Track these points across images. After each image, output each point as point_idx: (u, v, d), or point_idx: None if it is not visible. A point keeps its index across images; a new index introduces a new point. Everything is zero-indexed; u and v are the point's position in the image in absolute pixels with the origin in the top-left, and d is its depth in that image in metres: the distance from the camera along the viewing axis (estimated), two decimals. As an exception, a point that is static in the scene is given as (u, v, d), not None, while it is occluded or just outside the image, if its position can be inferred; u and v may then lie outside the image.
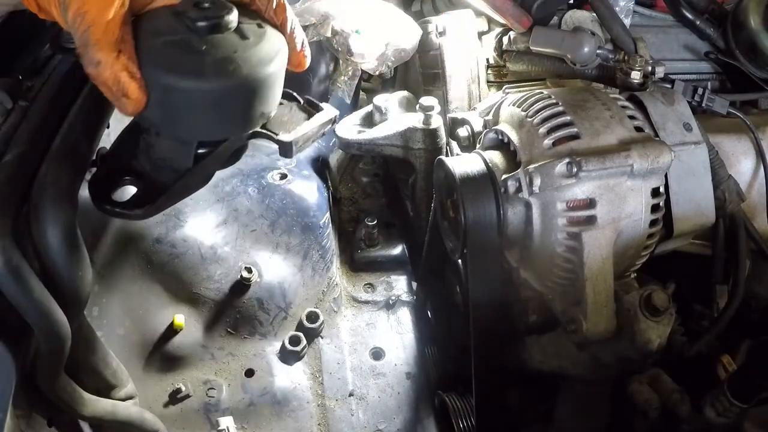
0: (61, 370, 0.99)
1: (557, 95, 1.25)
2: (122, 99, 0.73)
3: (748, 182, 1.46)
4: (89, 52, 0.70)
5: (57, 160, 0.89)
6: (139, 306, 1.49)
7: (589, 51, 1.43)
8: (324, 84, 1.89)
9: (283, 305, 1.62)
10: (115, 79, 0.71)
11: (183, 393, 1.45)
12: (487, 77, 1.68)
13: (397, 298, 1.73)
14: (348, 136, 1.71)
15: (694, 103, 1.43)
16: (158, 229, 1.56)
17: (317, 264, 1.71)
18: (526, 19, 1.48)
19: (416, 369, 1.60)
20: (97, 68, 0.70)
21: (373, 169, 2.05)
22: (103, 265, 1.42)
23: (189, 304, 1.57)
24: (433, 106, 1.59)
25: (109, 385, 1.22)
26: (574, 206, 1.16)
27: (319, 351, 1.60)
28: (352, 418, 1.50)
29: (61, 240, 0.89)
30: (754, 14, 1.50)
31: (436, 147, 1.63)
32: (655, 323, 1.19)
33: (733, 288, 1.39)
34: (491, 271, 1.27)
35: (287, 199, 1.73)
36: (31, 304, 0.86)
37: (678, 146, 1.28)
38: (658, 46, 1.60)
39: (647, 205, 1.19)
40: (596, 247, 1.17)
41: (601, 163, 1.13)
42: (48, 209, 0.87)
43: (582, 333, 1.20)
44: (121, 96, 0.72)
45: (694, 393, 1.22)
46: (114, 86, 0.71)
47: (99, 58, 0.70)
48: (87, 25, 0.68)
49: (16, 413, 0.97)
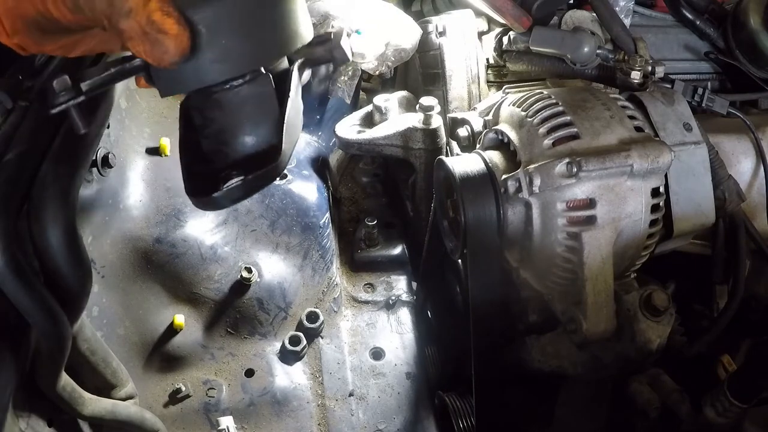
0: (61, 370, 0.99)
1: (557, 95, 1.25)
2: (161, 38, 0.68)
3: (748, 182, 1.46)
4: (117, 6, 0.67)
5: (57, 160, 0.89)
6: (139, 306, 1.49)
7: (589, 51, 1.43)
8: (324, 84, 1.89)
9: (283, 305, 1.62)
10: (149, 20, 0.67)
11: (183, 393, 1.46)
12: (487, 77, 1.68)
13: (397, 298, 1.73)
14: (348, 136, 1.71)
15: (694, 103, 1.43)
16: (158, 229, 1.56)
17: (317, 264, 1.71)
18: (526, 19, 1.48)
19: (416, 369, 1.60)
20: (129, 17, 0.67)
21: (373, 169, 2.05)
22: (103, 265, 1.42)
23: (189, 304, 1.57)
24: (433, 106, 1.59)
25: (109, 385, 1.22)
26: (574, 206, 1.16)
27: (319, 351, 1.60)
28: (352, 418, 1.50)
29: (62, 240, 0.89)
30: (754, 14, 1.50)
31: (436, 147, 1.63)
32: (655, 323, 1.19)
33: (733, 288, 1.39)
34: (491, 271, 1.27)
35: (287, 199, 1.73)
36: (31, 304, 0.86)
37: (678, 146, 1.28)
38: (658, 46, 1.60)
39: (647, 205, 1.19)
40: (596, 247, 1.17)
41: (601, 163, 1.13)
42: (48, 209, 0.87)
43: (582, 333, 1.20)
44: (158, 35, 0.68)
45: (694, 393, 1.22)
46: (149, 27, 0.68)
47: (129, 6, 0.67)
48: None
49: (16, 413, 0.97)
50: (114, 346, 1.28)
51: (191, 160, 0.84)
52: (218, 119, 0.82)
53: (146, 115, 1.69)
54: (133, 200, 1.54)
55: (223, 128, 0.83)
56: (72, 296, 0.94)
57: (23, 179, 0.86)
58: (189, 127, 0.85)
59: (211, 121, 0.83)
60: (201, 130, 0.84)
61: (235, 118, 0.82)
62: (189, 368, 1.52)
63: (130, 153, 1.58)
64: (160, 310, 1.53)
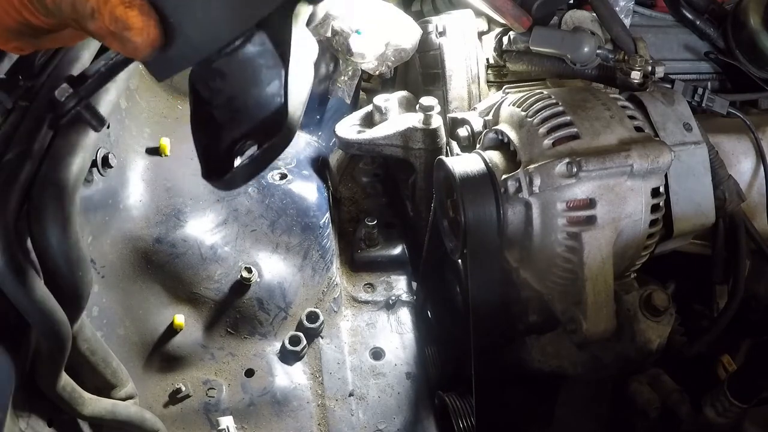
0: (61, 370, 0.99)
1: (557, 95, 1.25)
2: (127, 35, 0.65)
3: (748, 182, 1.46)
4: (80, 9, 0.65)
5: (57, 160, 0.89)
6: (139, 306, 1.49)
7: (589, 51, 1.43)
8: (324, 84, 1.89)
9: (283, 305, 1.62)
10: (111, 18, 0.64)
11: (183, 393, 1.46)
12: (487, 77, 1.68)
13: (397, 298, 1.73)
14: (348, 136, 1.71)
15: (694, 103, 1.43)
16: (158, 229, 1.56)
17: (317, 264, 1.71)
18: (526, 19, 1.48)
19: (416, 369, 1.60)
20: (94, 19, 0.65)
21: (373, 169, 2.05)
22: (103, 265, 1.42)
23: (189, 304, 1.57)
24: (433, 106, 1.59)
25: (109, 385, 1.22)
26: (574, 206, 1.16)
27: (319, 351, 1.60)
28: (352, 418, 1.50)
29: (62, 240, 0.89)
30: (754, 14, 1.50)
31: (436, 147, 1.63)
32: (655, 323, 1.19)
33: (733, 288, 1.39)
34: (491, 271, 1.27)
35: (287, 199, 1.73)
36: (31, 304, 0.86)
37: (678, 146, 1.28)
38: (658, 46, 1.60)
39: (647, 205, 1.19)
40: (596, 247, 1.17)
41: (601, 163, 1.13)
42: (48, 209, 0.87)
43: (582, 333, 1.20)
44: (124, 31, 0.65)
45: (694, 393, 1.22)
46: (113, 26, 0.65)
47: (91, 7, 0.65)
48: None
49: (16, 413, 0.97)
50: (114, 346, 1.28)
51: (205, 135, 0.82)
52: (224, 88, 0.80)
53: (146, 115, 1.69)
54: (133, 200, 1.55)
55: (231, 96, 0.80)
56: (72, 296, 0.94)
57: (23, 179, 0.86)
58: (198, 102, 0.82)
59: (218, 91, 0.80)
60: (211, 102, 0.82)
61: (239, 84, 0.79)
62: (189, 368, 1.52)
63: (130, 153, 1.58)
64: (160, 310, 1.53)
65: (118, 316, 1.44)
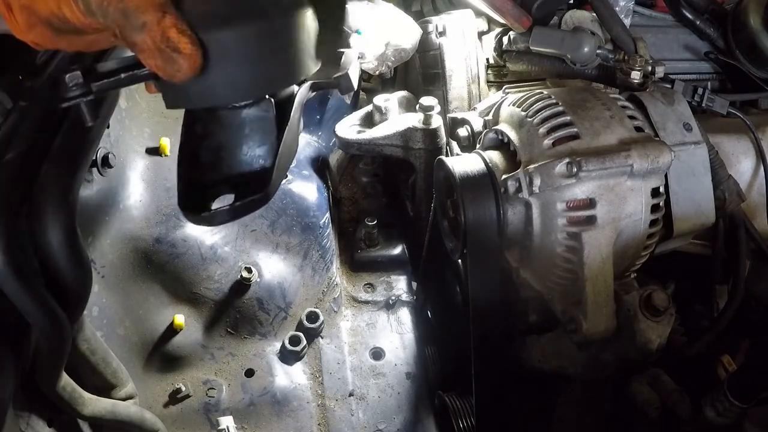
0: (61, 369, 0.99)
1: (557, 95, 1.25)
2: (174, 57, 0.68)
3: (748, 182, 1.46)
4: (131, 19, 0.66)
5: (57, 160, 0.89)
6: (139, 306, 1.49)
7: (589, 51, 1.43)
8: (324, 84, 1.89)
9: (283, 305, 1.62)
10: (163, 37, 0.67)
11: (183, 393, 1.46)
12: (487, 77, 1.68)
13: (397, 298, 1.73)
14: (348, 136, 1.71)
15: (694, 103, 1.43)
16: (158, 229, 1.56)
17: (317, 264, 1.71)
18: (526, 19, 1.48)
19: (416, 369, 1.60)
20: (143, 31, 0.66)
21: (373, 169, 2.05)
22: (103, 265, 1.42)
23: (189, 304, 1.57)
24: (433, 106, 1.59)
25: (109, 385, 1.22)
26: (574, 206, 1.16)
27: (319, 351, 1.61)
28: (352, 418, 1.50)
29: (62, 240, 0.89)
30: (754, 14, 1.50)
31: (436, 147, 1.63)
32: (655, 323, 1.19)
33: (733, 288, 1.39)
34: (491, 271, 1.27)
35: (287, 199, 1.73)
36: (31, 304, 0.86)
37: (678, 146, 1.28)
38: (658, 46, 1.60)
39: (647, 205, 1.19)
40: (596, 247, 1.17)
41: (601, 163, 1.13)
42: (48, 209, 0.87)
43: (582, 333, 1.20)
44: (173, 53, 0.68)
45: (694, 393, 1.22)
46: (163, 44, 0.67)
47: (144, 20, 0.66)
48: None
49: (16, 413, 0.97)
50: (114, 346, 1.28)
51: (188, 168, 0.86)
52: (218, 134, 0.84)
53: (146, 115, 1.69)
54: (133, 200, 1.55)
55: (221, 143, 0.85)
56: (72, 296, 0.94)
57: (23, 179, 0.86)
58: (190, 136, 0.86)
59: (211, 134, 0.84)
60: (201, 140, 0.85)
61: (233, 137, 0.84)
62: (189, 368, 1.52)
63: (130, 153, 1.58)
64: (160, 310, 1.53)
65: (118, 316, 1.44)
